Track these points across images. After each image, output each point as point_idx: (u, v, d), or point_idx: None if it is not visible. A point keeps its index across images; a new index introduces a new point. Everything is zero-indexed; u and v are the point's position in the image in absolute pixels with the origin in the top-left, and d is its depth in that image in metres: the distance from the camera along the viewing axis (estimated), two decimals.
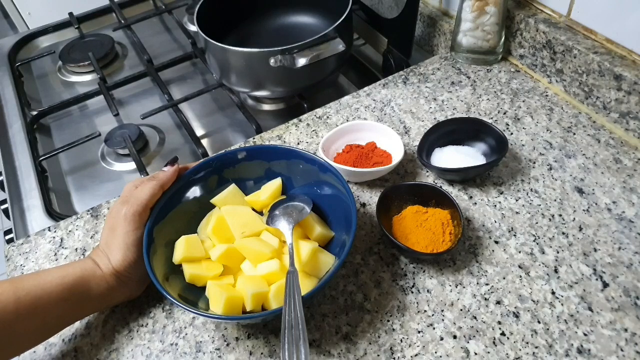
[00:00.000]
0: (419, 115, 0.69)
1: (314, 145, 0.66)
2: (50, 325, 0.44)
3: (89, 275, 0.45)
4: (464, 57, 0.76)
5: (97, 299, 0.46)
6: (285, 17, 0.91)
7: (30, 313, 0.42)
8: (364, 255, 0.53)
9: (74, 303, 0.44)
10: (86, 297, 0.45)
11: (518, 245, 0.52)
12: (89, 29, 1.07)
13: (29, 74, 0.98)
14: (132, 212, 0.47)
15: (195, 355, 0.47)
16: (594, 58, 0.61)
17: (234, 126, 0.81)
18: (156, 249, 0.48)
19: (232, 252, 0.49)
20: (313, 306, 0.49)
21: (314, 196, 0.54)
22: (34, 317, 0.42)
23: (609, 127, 0.63)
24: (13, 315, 0.41)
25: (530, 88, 0.70)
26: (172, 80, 0.91)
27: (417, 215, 0.53)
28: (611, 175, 0.58)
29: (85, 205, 0.70)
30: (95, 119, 0.86)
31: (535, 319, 0.47)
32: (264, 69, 0.70)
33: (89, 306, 0.47)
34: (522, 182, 0.58)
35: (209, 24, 0.75)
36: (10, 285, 0.42)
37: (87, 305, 0.46)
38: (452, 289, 0.49)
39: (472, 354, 0.45)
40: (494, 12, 0.68)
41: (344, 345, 0.46)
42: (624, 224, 0.53)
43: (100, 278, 0.46)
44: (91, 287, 0.45)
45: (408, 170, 0.62)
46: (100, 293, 0.46)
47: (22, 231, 0.66)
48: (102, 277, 0.46)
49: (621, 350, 0.44)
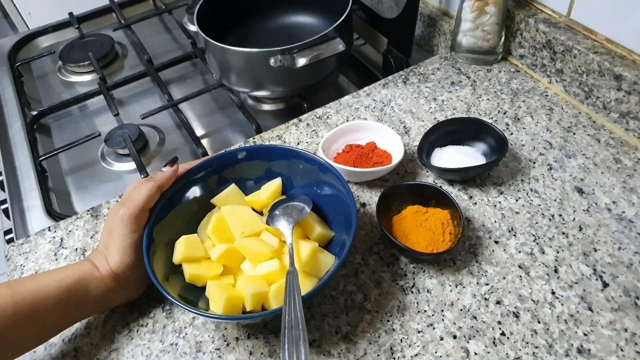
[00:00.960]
0: (419, 115, 0.69)
1: (314, 145, 0.66)
2: (49, 328, 0.44)
3: (87, 277, 0.45)
4: (464, 57, 0.76)
5: (95, 301, 0.46)
6: (285, 17, 0.91)
7: (28, 316, 0.41)
8: (364, 255, 0.53)
9: (72, 305, 0.44)
10: (84, 299, 0.45)
11: (518, 245, 0.52)
12: (89, 29, 1.07)
13: (29, 74, 0.98)
14: (128, 214, 0.47)
15: (195, 355, 0.47)
16: (594, 58, 0.61)
17: (234, 126, 0.81)
18: (156, 249, 0.48)
19: (232, 252, 0.49)
20: (313, 306, 0.49)
21: (314, 196, 0.54)
22: (33, 320, 0.42)
23: (609, 127, 0.63)
24: (11, 319, 0.41)
25: (530, 88, 0.70)
26: (172, 80, 0.91)
27: (417, 215, 0.53)
28: (611, 175, 0.58)
29: (85, 205, 0.70)
30: (95, 119, 0.86)
31: (535, 319, 0.47)
32: (264, 69, 0.70)
33: (87, 308, 0.47)
34: (522, 182, 0.58)
35: (209, 24, 0.75)
36: (8, 290, 0.42)
37: (85, 307, 0.46)
38: (452, 289, 0.49)
39: (472, 354, 0.45)
40: (494, 12, 0.68)
41: (344, 345, 0.46)
42: (624, 224, 0.53)
43: (99, 280, 0.45)
44: (89, 289, 0.45)
45: (408, 170, 0.62)
46: (98, 295, 0.45)
47: (22, 231, 0.66)
48: (100, 279, 0.45)
49: (621, 350, 0.44)
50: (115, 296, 0.47)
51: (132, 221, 0.47)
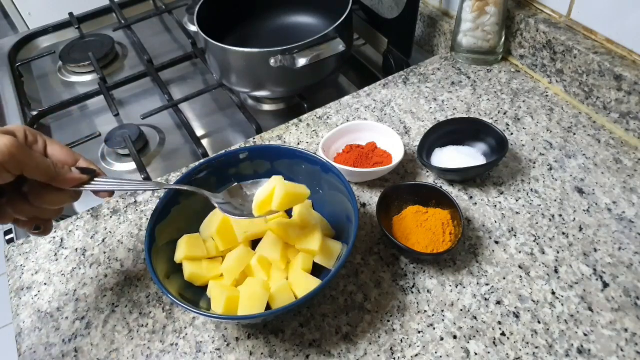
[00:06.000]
0: (419, 115, 0.69)
1: (314, 145, 0.66)
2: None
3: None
4: (464, 57, 0.76)
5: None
6: (285, 17, 0.91)
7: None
8: (364, 255, 0.53)
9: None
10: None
11: (518, 245, 0.52)
12: (89, 29, 1.07)
13: (29, 74, 0.98)
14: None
15: (195, 355, 0.47)
16: (594, 58, 0.61)
17: (234, 126, 0.81)
18: (158, 248, 0.48)
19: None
20: (313, 306, 0.49)
21: (315, 196, 0.54)
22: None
23: (609, 127, 0.63)
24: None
25: (530, 88, 0.70)
26: (172, 80, 0.91)
27: (417, 215, 0.53)
28: (611, 175, 0.58)
29: (85, 205, 0.70)
30: (95, 119, 0.86)
31: (535, 319, 0.47)
32: (264, 69, 0.70)
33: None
34: (522, 182, 0.58)
35: (209, 24, 0.75)
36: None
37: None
38: (452, 289, 0.49)
39: (472, 354, 0.45)
40: (494, 12, 0.68)
41: (344, 345, 0.46)
42: (624, 224, 0.53)
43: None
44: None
45: (408, 170, 0.62)
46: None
47: (22, 231, 0.65)
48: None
49: (621, 350, 0.44)
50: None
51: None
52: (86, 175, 0.41)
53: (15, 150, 0.34)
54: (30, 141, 0.39)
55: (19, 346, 0.49)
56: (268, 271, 0.49)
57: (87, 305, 0.52)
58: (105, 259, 0.56)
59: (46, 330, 0.50)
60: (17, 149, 0.34)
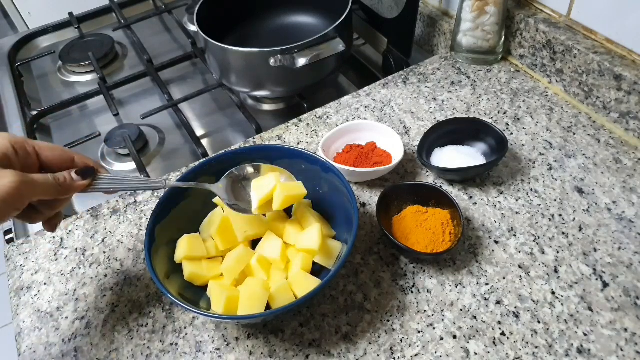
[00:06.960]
0: (419, 115, 0.69)
1: (314, 145, 0.66)
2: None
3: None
4: (464, 57, 0.76)
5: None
6: (285, 17, 0.91)
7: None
8: (364, 255, 0.53)
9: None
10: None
11: (518, 245, 0.52)
12: (89, 29, 1.07)
13: (29, 74, 0.98)
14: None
15: (195, 355, 0.47)
16: (594, 58, 0.61)
17: (234, 126, 0.81)
18: (158, 248, 0.47)
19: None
20: (313, 306, 0.49)
21: (315, 196, 0.54)
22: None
23: (609, 127, 0.63)
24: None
25: (530, 88, 0.70)
26: (172, 80, 0.91)
27: (417, 215, 0.53)
28: (611, 175, 0.58)
29: (85, 205, 0.70)
30: (95, 119, 0.86)
31: (535, 319, 0.47)
32: (264, 69, 0.70)
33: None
34: (522, 182, 0.58)
35: (209, 24, 0.75)
36: None
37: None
38: (452, 289, 0.49)
39: (472, 354, 0.45)
40: (494, 12, 0.68)
41: (344, 345, 0.46)
42: (624, 224, 0.53)
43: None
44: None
45: (408, 170, 0.62)
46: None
47: (22, 231, 0.65)
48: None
49: (621, 350, 0.44)
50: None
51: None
52: (89, 178, 0.41)
53: (21, 186, 0.34)
54: (22, 156, 0.38)
55: (19, 346, 0.49)
56: (268, 271, 0.49)
57: (87, 305, 0.52)
58: (105, 259, 0.56)
59: (46, 330, 0.50)
60: (22, 184, 0.34)
